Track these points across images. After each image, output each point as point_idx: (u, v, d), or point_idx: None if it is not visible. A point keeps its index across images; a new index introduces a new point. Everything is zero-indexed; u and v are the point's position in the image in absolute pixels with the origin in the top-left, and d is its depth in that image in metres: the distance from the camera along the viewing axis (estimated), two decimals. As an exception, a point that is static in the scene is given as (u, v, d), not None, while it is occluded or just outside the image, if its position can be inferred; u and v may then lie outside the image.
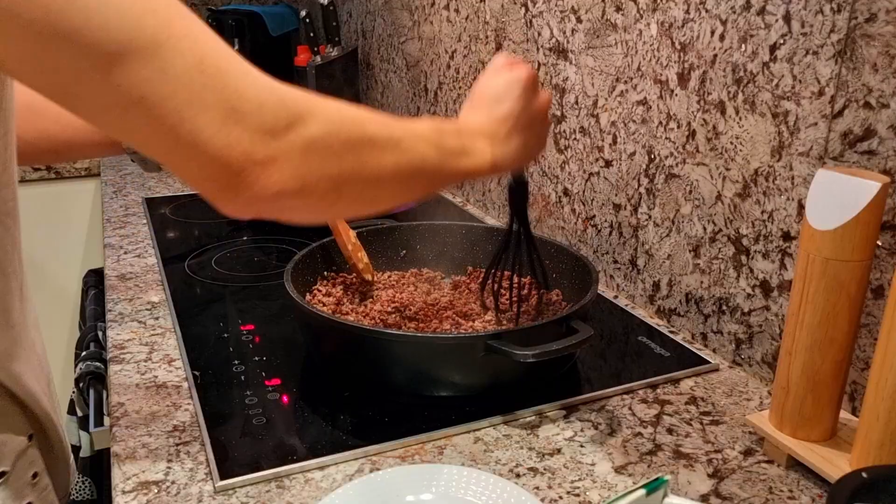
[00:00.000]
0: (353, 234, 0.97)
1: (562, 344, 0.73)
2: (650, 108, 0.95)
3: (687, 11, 0.87)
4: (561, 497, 0.64)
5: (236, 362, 0.85)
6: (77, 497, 1.06)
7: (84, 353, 1.04)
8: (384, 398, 0.77)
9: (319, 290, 0.94)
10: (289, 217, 0.52)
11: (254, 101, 0.47)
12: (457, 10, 1.42)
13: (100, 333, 1.08)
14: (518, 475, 0.67)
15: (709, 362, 0.86)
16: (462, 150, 0.63)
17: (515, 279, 0.86)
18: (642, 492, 0.50)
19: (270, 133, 0.48)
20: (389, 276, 1.01)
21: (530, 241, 0.84)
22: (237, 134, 0.46)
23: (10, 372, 0.64)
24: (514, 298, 0.88)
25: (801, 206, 0.76)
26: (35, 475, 0.66)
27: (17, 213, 0.63)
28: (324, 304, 0.91)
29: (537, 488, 0.65)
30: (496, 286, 0.88)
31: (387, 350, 0.76)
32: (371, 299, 0.95)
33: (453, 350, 0.75)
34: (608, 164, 1.05)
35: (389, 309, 0.91)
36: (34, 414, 0.68)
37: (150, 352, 0.88)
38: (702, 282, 0.90)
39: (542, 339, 0.74)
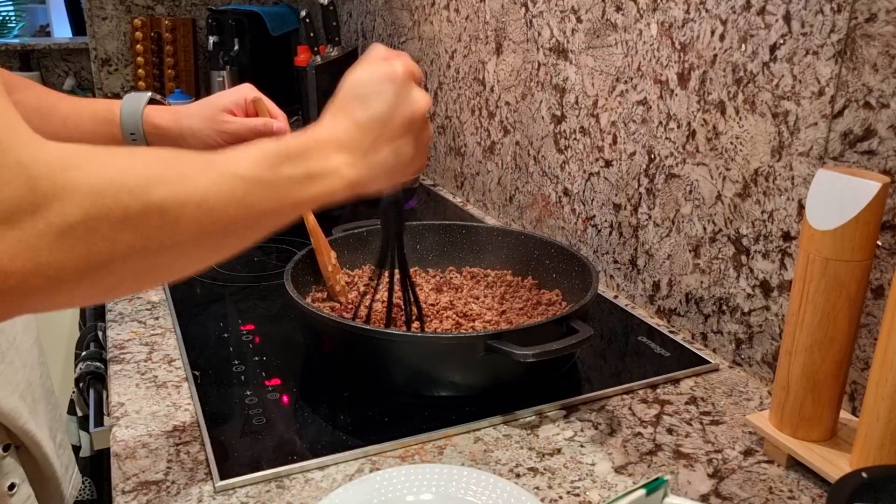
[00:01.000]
0: (333, 255, 0.96)
1: (562, 344, 0.73)
2: (650, 108, 0.95)
3: (687, 11, 0.87)
4: (561, 497, 0.64)
5: (236, 362, 0.85)
6: (77, 497, 1.06)
7: (84, 353, 1.03)
8: (384, 398, 0.77)
9: (320, 291, 0.94)
10: (44, 310, 0.42)
11: None
12: (457, 10, 1.42)
13: (100, 333, 1.08)
14: (518, 475, 0.67)
15: (709, 362, 0.86)
16: (307, 176, 0.52)
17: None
18: (642, 492, 0.50)
19: (7, 221, 0.37)
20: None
21: (404, 270, 0.79)
22: None
23: None
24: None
25: (801, 206, 0.76)
26: (12, 486, 0.64)
27: None
28: (324, 304, 0.91)
29: (537, 488, 0.65)
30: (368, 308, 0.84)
31: (387, 350, 0.76)
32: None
33: (453, 350, 0.75)
34: (608, 164, 1.05)
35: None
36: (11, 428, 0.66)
37: (150, 352, 0.88)
38: (702, 282, 0.90)
39: (542, 338, 0.74)
